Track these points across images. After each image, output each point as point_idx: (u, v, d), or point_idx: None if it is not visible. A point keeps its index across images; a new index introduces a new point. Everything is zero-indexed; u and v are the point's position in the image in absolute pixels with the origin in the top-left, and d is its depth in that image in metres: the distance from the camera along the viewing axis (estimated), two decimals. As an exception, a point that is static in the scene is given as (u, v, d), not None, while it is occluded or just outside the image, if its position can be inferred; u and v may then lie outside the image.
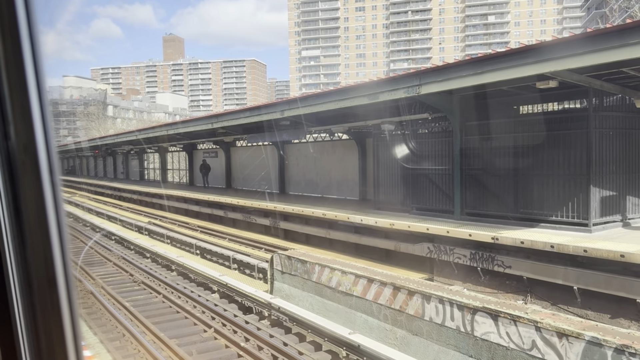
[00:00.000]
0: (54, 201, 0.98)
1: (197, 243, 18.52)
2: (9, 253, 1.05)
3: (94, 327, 10.56)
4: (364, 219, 15.02)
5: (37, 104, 0.96)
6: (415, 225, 13.32)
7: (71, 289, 1.01)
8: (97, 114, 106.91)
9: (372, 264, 13.60)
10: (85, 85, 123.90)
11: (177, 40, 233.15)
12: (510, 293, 11.20)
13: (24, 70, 0.94)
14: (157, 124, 41.80)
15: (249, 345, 9.22)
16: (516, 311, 7.03)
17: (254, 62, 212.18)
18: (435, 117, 14.46)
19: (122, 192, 39.38)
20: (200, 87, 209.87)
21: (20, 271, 1.01)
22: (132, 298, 12.75)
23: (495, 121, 13.00)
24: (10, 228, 1.01)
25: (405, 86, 11.93)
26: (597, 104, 11.47)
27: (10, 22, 0.93)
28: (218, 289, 13.20)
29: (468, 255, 11.98)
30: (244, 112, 19.89)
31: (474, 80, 10.46)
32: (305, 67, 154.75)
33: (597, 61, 8.39)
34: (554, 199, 11.93)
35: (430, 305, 8.24)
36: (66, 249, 1.00)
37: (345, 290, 10.15)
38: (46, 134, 0.97)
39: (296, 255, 12.10)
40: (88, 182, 48.71)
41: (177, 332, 10.17)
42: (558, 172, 11.82)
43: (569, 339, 6.26)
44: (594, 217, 11.30)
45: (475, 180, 13.61)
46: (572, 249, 9.78)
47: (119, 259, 17.59)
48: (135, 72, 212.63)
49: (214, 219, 25.11)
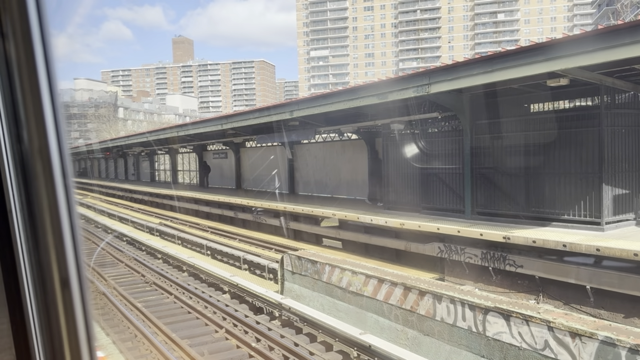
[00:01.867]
0: (67, 203, 0.99)
1: (207, 244, 18.60)
2: (22, 255, 1.06)
3: (106, 327, 10.64)
4: (374, 219, 14.99)
5: (50, 107, 0.96)
6: (425, 225, 13.27)
7: (85, 289, 1.01)
8: (107, 116, 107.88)
9: (383, 264, 13.57)
10: (96, 88, 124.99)
11: (186, 42, 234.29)
12: (522, 293, 11.13)
13: (37, 74, 0.95)
14: (167, 125, 42.06)
15: (260, 346, 9.24)
16: (528, 311, 6.99)
17: (263, 62, 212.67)
18: (445, 116, 14.40)
19: (134, 193, 39.64)
20: (209, 88, 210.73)
21: (35, 272, 1.02)
22: (144, 299, 12.83)
23: (506, 120, 12.91)
24: (24, 230, 1.02)
25: (414, 85, 11.89)
26: (609, 102, 11.35)
27: (23, 26, 0.94)
28: (229, 290, 13.25)
29: (479, 254, 11.91)
30: (253, 112, 19.94)
31: (484, 79, 10.40)
32: (314, 67, 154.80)
33: (608, 58, 8.30)
34: (565, 198, 11.83)
35: (442, 305, 8.21)
36: (80, 250, 1.01)
37: (355, 290, 10.13)
38: (59, 137, 0.98)
39: (306, 255, 12.11)
40: (99, 184, 49.13)
41: (189, 333, 10.22)
42: (570, 171, 11.72)
43: (582, 338, 6.20)
44: (607, 215, 11.19)
45: (486, 179, 13.53)
46: (585, 247, 9.69)
47: (130, 260, 17.70)
48: (145, 74, 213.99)
49: (224, 220, 25.20)
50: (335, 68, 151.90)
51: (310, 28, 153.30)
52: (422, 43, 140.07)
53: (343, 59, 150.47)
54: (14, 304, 1.19)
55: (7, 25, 0.95)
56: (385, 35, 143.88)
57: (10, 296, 1.20)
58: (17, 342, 1.20)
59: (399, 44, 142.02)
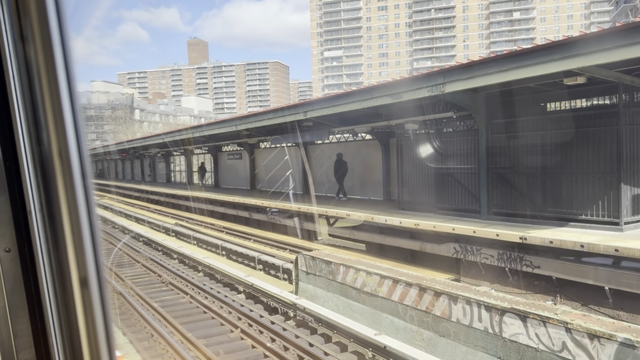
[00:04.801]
0: (87, 204, 1.00)
1: (222, 244, 18.70)
2: (42, 255, 1.07)
3: (123, 327, 10.75)
4: (389, 219, 14.94)
5: (70, 110, 0.98)
6: (440, 226, 13.19)
7: (104, 289, 1.02)
8: (124, 118, 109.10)
9: (397, 264, 13.52)
10: (113, 90, 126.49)
11: (201, 44, 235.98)
12: (539, 294, 11.01)
13: (56, 77, 0.96)
14: (182, 126, 42.37)
15: (275, 346, 9.26)
16: (545, 312, 6.91)
17: (277, 64, 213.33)
18: (460, 116, 14.30)
19: (150, 194, 40.00)
20: (224, 89, 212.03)
21: (54, 272, 1.03)
22: (160, 298, 12.94)
23: (522, 119, 12.79)
24: (43, 230, 1.03)
25: (429, 85, 11.83)
26: (627, 100, 11.18)
27: (42, 29, 0.95)
28: (244, 290, 13.31)
29: (495, 255, 11.81)
30: (268, 113, 20.00)
31: (500, 78, 10.31)
32: (327, 68, 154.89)
33: (627, 56, 8.17)
34: (583, 198, 11.68)
35: (457, 306, 8.15)
36: (99, 250, 1.02)
37: (370, 291, 10.11)
38: (78, 139, 0.99)
39: (320, 256, 12.12)
40: (116, 185, 49.66)
41: (205, 332, 10.29)
42: (587, 170, 11.56)
43: (600, 340, 6.11)
44: (625, 215, 11.02)
45: (502, 179, 13.41)
46: (603, 248, 9.55)
47: (147, 260, 17.86)
48: (161, 76, 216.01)
49: (239, 220, 25.31)
50: (349, 68, 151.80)
51: (324, 29, 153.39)
52: (436, 42, 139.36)
53: (357, 59, 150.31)
54: (33, 303, 1.21)
55: (27, 29, 0.96)
56: (399, 35, 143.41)
57: (29, 296, 1.22)
58: (36, 341, 1.22)
59: (413, 43, 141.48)
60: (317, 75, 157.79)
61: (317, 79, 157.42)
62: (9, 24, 0.99)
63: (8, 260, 1.20)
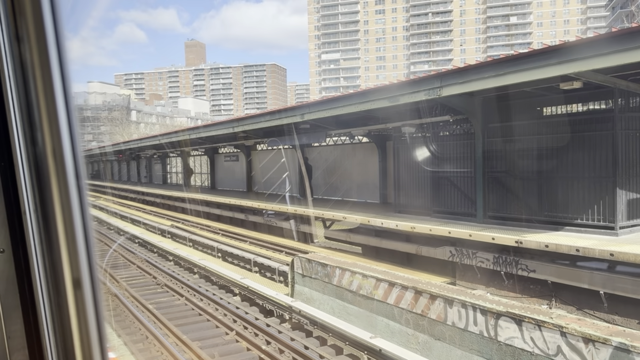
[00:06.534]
0: (80, 205, 1.00)
1: (218, 246, 18.67)
2: (36, 255, 1.07)
3: (118, 329, 10.72)
4: (385, 222, 14.95)
5: (64, 110, 0.97)
6: (436, 229, 13.21)
7: (97, 290, 1.02)
8: (120, 119, 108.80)
9: (393, 267, 13.52)
10: (109, 91, 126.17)
11: (198, 45, 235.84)
12: (534, 297, 11.02)
13: (51, 77, 0.96)
14: (179, 128, 42.32)
15: (270, 349, 9.25)
16: (541, 316, 6.92)
17: (274, 66, 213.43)
18: (457, 119, 14.34)
19: (146, 195, 39.91)
20: (221, 91, 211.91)
21: (48, 273, 1.03)
22: (155, 300, 12.90)
23: (518, 123, 12.82)
24: (37, 231, 1.03)
25: (426, 88, 11.85)
26: (623, 105, 11.23)
27: (37, 29, 0.95)
28: (239, 292, 13.28)
29: (491, 259, 11.83)
30: (265, 116, 20.00)
31: (496, 82, 10.34)
32: (325, 71, 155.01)
33: (623, 61, 8.20)
34: (579, 202, 11.71)
35: (453, 309, 8.16)
36: (92, 251, 1.01)
37: (366, 294, 10.11)
38: (73, 139, 0.99)
39: (316, 258, 12.11)
40: (112, 186, 49.51)
41: (200, 335, 10.26)
42: (583, 175, 11.60)
43: (595, 344, 6.13)
44: (621, 220, 11.06)
45: (498, 183, 13.44)
46: (598, 252, 9.58)
47: (142, 261, 17.81)
48: (158, 78, 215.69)
49: (235, 222, 25.28)
50: (346, 71, 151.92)
51: (322, 31, 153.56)
52: (433, 46, 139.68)
53: (354, 62, 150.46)
54: (27, 304, 1.21)
55: (23, 29, 0.96)
56: (396, 39, 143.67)
57: (23, 297, 1.21)
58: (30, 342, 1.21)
59: (410, 47, 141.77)
60: (314, 77, 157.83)
61: (315, 81, 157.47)
62: (5, 24, 0.99)
63: (2, 261, 1.20)
